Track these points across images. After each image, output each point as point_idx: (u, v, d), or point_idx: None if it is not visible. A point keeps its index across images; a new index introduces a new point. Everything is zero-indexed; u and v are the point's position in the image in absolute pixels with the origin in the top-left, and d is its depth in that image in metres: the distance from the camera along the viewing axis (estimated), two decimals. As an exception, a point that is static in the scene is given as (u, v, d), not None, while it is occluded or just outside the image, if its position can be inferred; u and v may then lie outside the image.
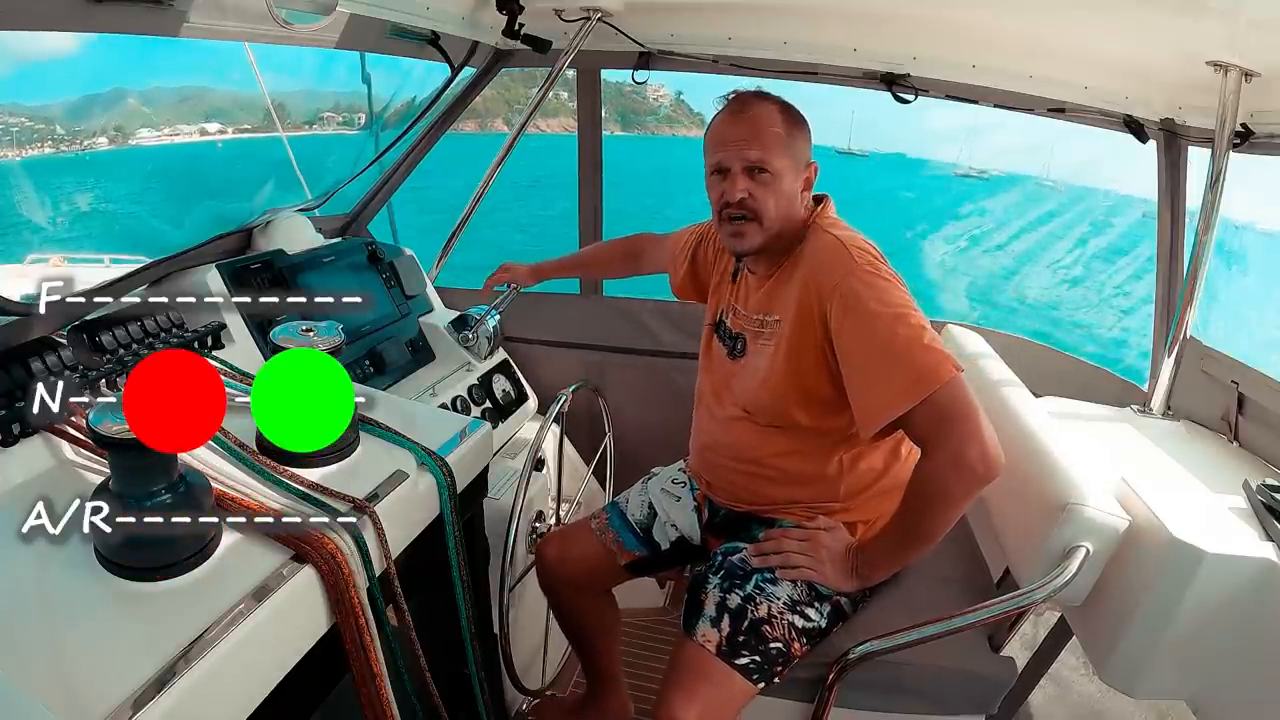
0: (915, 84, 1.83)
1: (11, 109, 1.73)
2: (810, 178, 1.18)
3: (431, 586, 1.08)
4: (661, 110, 51.24)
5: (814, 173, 1.18)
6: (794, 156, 1.15)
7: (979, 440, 0.99)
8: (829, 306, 1.08)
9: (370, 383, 1.64)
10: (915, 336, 1.02)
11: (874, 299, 1.05)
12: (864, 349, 1.05)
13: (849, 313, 1.06)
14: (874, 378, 1.04)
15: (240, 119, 2.13)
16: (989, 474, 0.99)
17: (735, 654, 1.10)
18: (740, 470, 1.27)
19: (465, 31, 1.78)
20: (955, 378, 1.00)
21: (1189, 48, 1.39)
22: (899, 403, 1.01)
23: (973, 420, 0.99)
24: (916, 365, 1.01)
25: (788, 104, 1.17)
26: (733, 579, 1.16)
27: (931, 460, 1.03)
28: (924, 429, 1.02)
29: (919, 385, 1.00)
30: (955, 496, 1.02)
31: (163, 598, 0.74)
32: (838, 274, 1.08)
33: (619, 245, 1.73)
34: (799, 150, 1.15)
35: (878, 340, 1.04)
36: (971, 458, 0.99)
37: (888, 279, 1.08)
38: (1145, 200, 2.40)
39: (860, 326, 1.05)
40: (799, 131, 1.16)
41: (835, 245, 1.12)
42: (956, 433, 0.99)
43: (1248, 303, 15.16)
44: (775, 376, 1.17)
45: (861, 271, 1.07)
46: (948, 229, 27.47)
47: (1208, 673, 1.12)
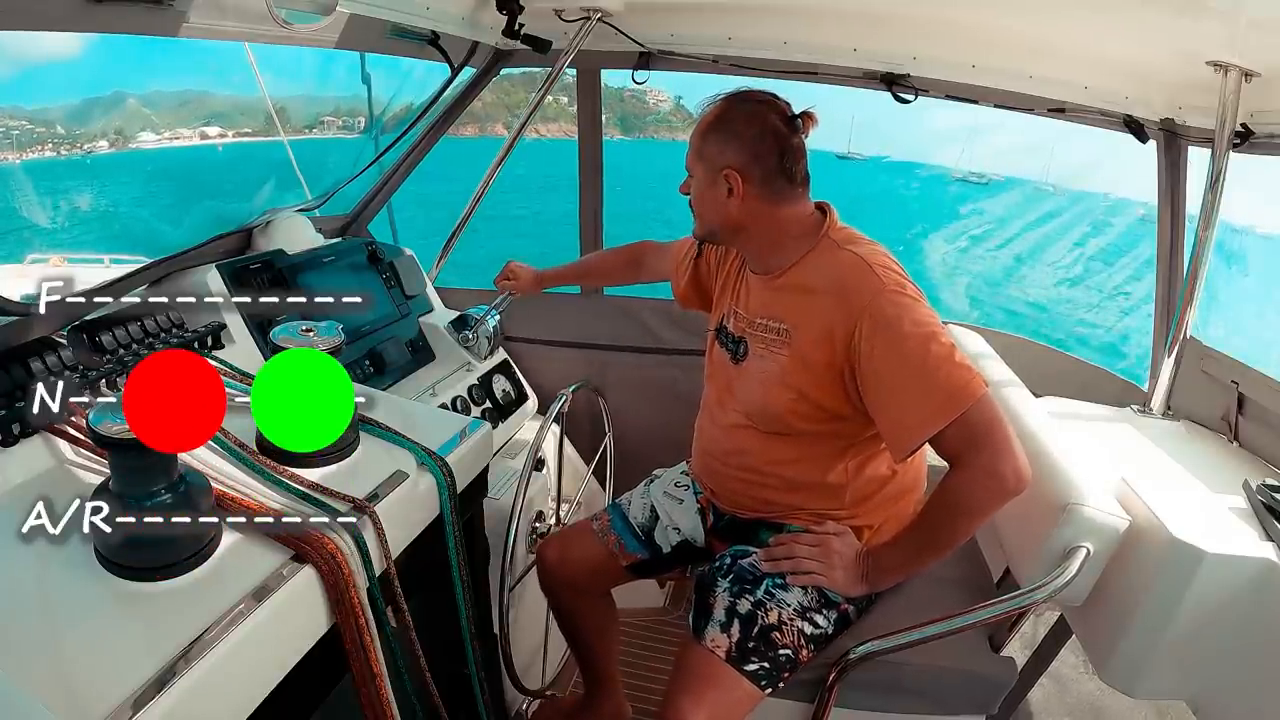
0: (915, 84, 1.83)
1: (12, 112, 1.73)
2: (733, 185, 1.14)
3: (431, 586, 1.07)
4: (661, 114, 51.27)
5: (734, 179, 1.14)
6: (705, 160, 1.17)
7: (1011, 455, 1.01)
8: (857, 327, 1.07)
9: (370, 383, 1.64)
10: (947, 355, 1.03)
11: (906, 320, 1.05)
12: (896, 370, 1.05)
13: (879, 334, 1.06)
14: (907, 398, 1.05)
15: (241, 123, 2.13)
16: (1019, 487, 1.02)
17: (745, 660, 1.10)
18: (742, 478, 1.26)
19: (465, 31, 1.78)
20: (986, 394, 1.02)
21: (1189, 48, 1.39)
22: (934, 422, 1.02)
23: (1003, 436, 1.02)
24: (949, 384, 1.02)
25: (726, 108, 1.16)
26: (743, 583, 1.16)
27: (964, 474, 1.04)
28: (956, 445, 1.03)
29: (953, 404, 1.01)
30: (985, 509, 1.04)
31: (163, 598, 0.74)
32: (865, 295, 1.08)
33: (621, 253, 1.72)
34: (710, 155, 1.16)
35: (911, 361, 1.04)
36: (1005, 472, 1.01)
37: (914, 297, 1.09)
38: (1143, 202, 2.40)
39: (892, 348, 1.05)
40: (714, 136, 1.15)
41: (859, 264, 1.11)
42: (989, 448, 1.01)
43: (1248, 303, 15.17)
44: (782, 387, 1.16)
45: (890, 292, 1.07)
46: (948, 229, 27.49)
47: (1208, 673, 1.12)
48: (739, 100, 1.16)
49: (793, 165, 1.15)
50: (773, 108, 1.14)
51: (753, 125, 1.14)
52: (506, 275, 1.77)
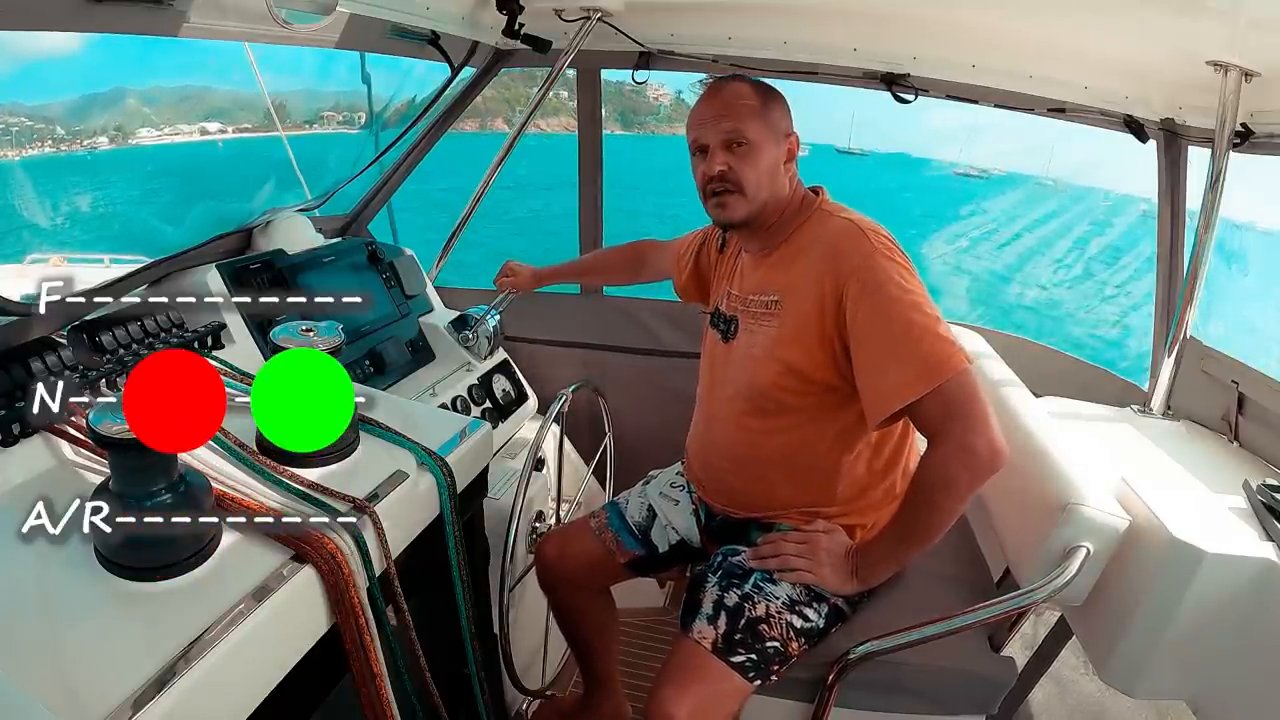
0: (915, 84, 1.83)
1: (12, 109, 1.73)
2: (792, 149, 1.17)
3: (431, 586, 1.08)
4: (662, 110, 51.24)
5: (795, 143, 1.17)
6: (770, 126, 1.15)
7: (986, 430, 1.00)
8: (846, 288, 1.07)
9: (370, 383, 1.64)
10: (930, 325, 1.03)
11: (893, 283, 1.05)
12: (880, 332, 1.05)
13: (867, 294, 1.06)
14: (886, 363, 1.04)
15: (240, 119, 2.13)
16: (994, 464, 1.00)
17: (731, 651, 1.10)
18: (735, 473, 1.26)
19: (465, 31, 1.78)
20: (966, 369, 1.02)
21: (1189, 48, 1.39)
22: (910, 390, 1.02)
23: (981, 411, 1.01)
24: (929, 354, 1.01)
25: (759, 80, 1.18)
26: (731, 578, 1.17)
27: (939, 450, 1.03)
28: (932, 419, 1.03)
29: (931, 374, 1.01)
30: (960, 486, 1.02)
31: (163, 598, 0.74)
32: (856, 257, 1.08)
33: (621, 251, 1.73)
34: (775, 120, 1.15)
35: (895, 325, 1.04)
36: (979, 446, 1.00)
37: (903, 264, 1.09)
38: (1145, 198, 2.40)
39: (877, 309, 1.05)
40: (773, 102, 1.16)
41: (850, 228, 1.12)
42: (964, 423, 1.00)
43: (1248, 300, 15.14)
44: (770, 359, 1.16)
45: (880, 254, 1.07)
46: (949, 229, 27.45)
47: (1208, 673, 1.12)
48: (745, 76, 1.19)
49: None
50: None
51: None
52: (505, 274, 1.79)
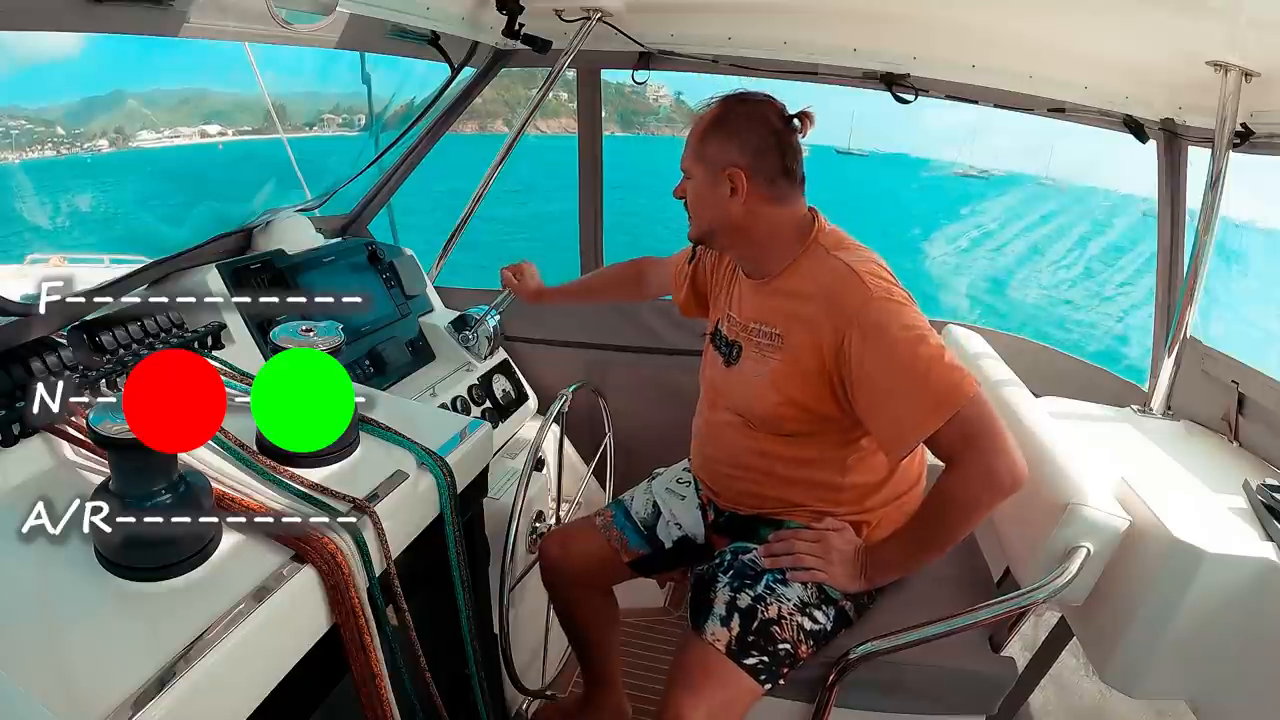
0: (915, 84, 1.82)
1: (12, 111, 1.73)
2: (736, 184, 1.14)
3: (431, 586, 1.07)
4: (662, 111, 51.24)
5: (739, 178, 1.14)
6: (702, 158, 1.17)
7: (1006, 453, 1.02)
8: (846, 336, 1.08)
9: (370, 383, 1.64)
10: (936, 356, 1.04)
11: (894, 325, 1.06)
12: (888, 374, 1.06)
13: (869, 341, 1.07)
14: (900, 401, 1.06)
15: (240, 121, 2.13)
16: (1015, 485, 1.02)
17: (745, 654, 1.10)
18: (739, 475, 1.27)
19: (465, 31, 1.78)
20: (977, 394, 1.03)
21: (1189, 48, 1.39)
22: (927, 424, 1.03)
23: (998, 434, 1.03)
24: (939, 384, 1.03)
25: (727, 108, 1.16)
26: (743, 579, 1.17)
27: (960, 473, 1.04)
28: (951, 445, 1.04)
29: (945, 404, 1.02)
30: (981, 508, 1.05)
31: (163, 598, 0.74)
32: (854, 303, 1.09)
33: (624, 270, 1.71)
34: (710, 153, 1.16)
35: (902, 365, 1.05)
36: (1000, 469, 1.02)
37: (901, 302, 1.10)
38: (1145, 198, 2.39)
39: (882, 354, 1.06)
40: (715, 135, 1.16)
41: (846, 272, 1.12)
42: (984, 447, 1.02)
43: (1247, 299, 15.14)
44: (772, 390, 1.17)
45: (877, 300, 1.08)
46: (949, 229, 27.43)
47: (1208, 673, 1.12)
48: (738, 100, 1.17)
49: (794, 164, 1.17)
50: (771, 108, 1.16)
51: (754, 124, 1.15)
52: (515, 273, 1.72)
